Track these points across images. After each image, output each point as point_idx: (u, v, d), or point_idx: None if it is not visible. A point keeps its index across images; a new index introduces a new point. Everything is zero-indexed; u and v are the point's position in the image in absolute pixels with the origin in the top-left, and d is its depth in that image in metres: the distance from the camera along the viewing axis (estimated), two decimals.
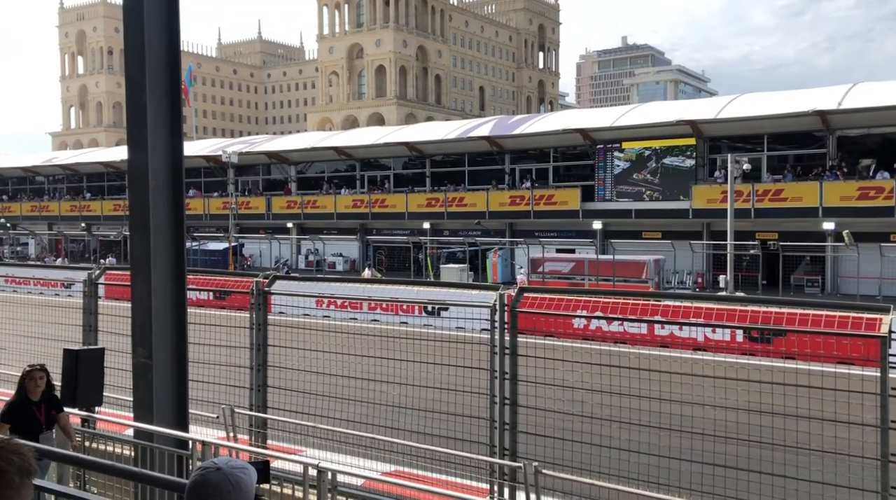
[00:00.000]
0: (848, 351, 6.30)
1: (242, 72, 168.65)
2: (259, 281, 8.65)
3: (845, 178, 33.59)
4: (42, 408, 6.65)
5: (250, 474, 2.29)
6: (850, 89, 35.16)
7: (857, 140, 35.99)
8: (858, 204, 32.36)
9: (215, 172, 54.59)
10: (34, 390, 6.66)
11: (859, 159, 35.84)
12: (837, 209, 32.74)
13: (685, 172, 38.10)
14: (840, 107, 33.23)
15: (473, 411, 7.32)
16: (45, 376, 6.76)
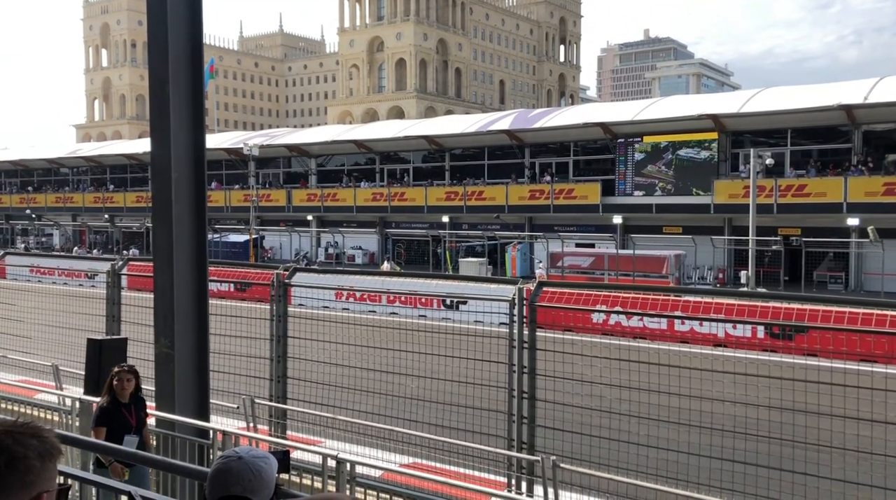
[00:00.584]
0: (871, 348, 6.23)
1: (264, 65, 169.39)
2: (279, 273, 8.70)
3: (871, 173, 33.11)
4: (132, 410, 6.40)
5: (271, 463, 2.31)
6: (876, 83, 34.62)
7: (883, 135, 35.48)
8: (884, 200, 31.90)
9: (236, 164, 54.94)
10: (123, 391, 6.38)
11: (885, 154, 35.31)
12: (862, 205, 32.29)
13: (700, 163, 37.77)
14: (866, 101, 32.74)
15: (491, 404, 7.33)
16: (133, 377, 6.46)
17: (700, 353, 7.06)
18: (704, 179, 37.22)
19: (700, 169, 37.70)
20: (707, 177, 37.26)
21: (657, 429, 6.44)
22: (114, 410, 6.31)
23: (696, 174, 37.68)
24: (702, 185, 37.34)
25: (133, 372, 6.48)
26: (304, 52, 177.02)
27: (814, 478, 5.72)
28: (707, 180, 37.20)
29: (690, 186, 37.73)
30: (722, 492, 6.00)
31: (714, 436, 6.21)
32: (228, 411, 8.40)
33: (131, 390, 6.40)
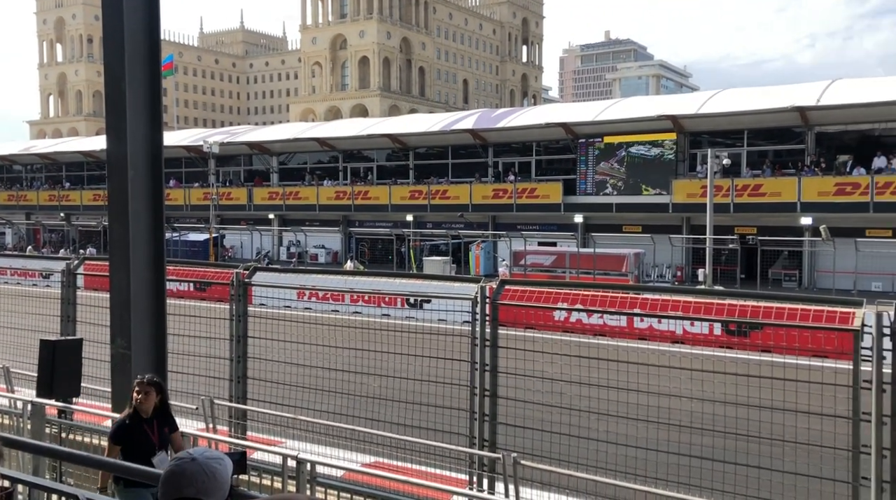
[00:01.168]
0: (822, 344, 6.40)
1: (224, 61, 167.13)
2: (239, 272, 8.62)
3: (823, 173, 33.98)
4: (154, 426, 5.81)
5: (226, 464, 2.29)
6: (828, 86, 35.53)
7: (834, 136, 36.43)
8: (835, 199, 32.76)
9: (196, 162, 54.13)
10: (145, 405, 5.78)
11: (837, 155, 36.25)
12: (815, 204, 33.12)
13: (651, 160, 38.38)
14: (819, 103, 33.58)
15: (454, 402, 7.36)
16: (154, 389, 5.85)
17: (658, 349, 7.17)
18: (656, 176, 37.83)
19: (651, 166, 38.31)
20: (658, 174, 37.88)
21: (616, 425, 6.53)
22: (133, 426, 5.74)
23: (647, 171, 38.31)
24: (652, 182, 37.94)
25: (155, 385, 5.88)
26: (265, 50, 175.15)
27: (767, 471, 5.87)
28: (658, 177, 37.82)
29: (641, 183, 38.33)
30: (679, 487, 6.11)
31: (672, 431, 6.32)
32: (187, 413, 8.29)
33: (154, 404, 5.83)
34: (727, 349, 9.43)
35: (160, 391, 5.90)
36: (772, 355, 6.37)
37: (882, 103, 32.24)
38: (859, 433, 5.56)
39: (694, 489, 6.07)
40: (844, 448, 5.62)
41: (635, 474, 6.35)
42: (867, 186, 32.13)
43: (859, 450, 5.56)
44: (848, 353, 5.82)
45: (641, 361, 6.58)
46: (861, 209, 32.31)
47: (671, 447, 6.27)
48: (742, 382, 6.05)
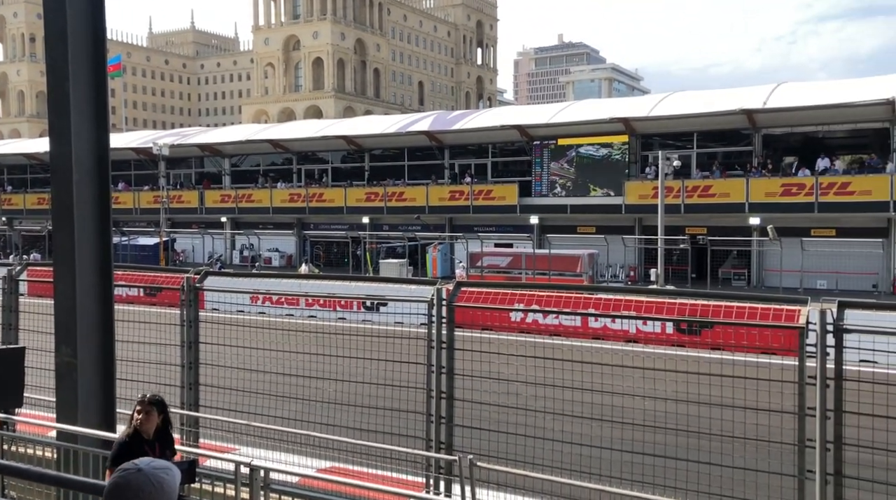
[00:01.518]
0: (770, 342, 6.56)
1: (174, 62, 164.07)
2: (190, 277, 8.45)
3: (770, 175, 34.89)
4: (156, 448, 5.41)
5: (174, 474, 2.23)
6: (774, 89, 36.51)
7: (780, 138, 37.44)
8: (782, 200, 33.67)
9: (146, 164, 53.00)
10: (146, 426, 5.41)
11: (783, 157, 37.29)
12: (762, 205, 33.99)
13: (599, 160, 39.01)
14: (765, 106, 34.49)
15: (410, 405, 7.33)
16: (156, 409, 5.50)
17: (612, 349, 7.26)
18: (604, 176, 38.44)
19: (599, 166, 38.93)
20: (607, 174, 38.48)
21: (572, 425, 6.59)
22: (134, 447, 5.31)
23: (596, 172, 38.92)
24: (601, 182, 38.55)
25: (157, 404, 5.54)
26: (217, 50, 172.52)
27: (717, 467, 5.98)
28: (606, 178, 38.40)
29: (589, 183, 38.91)
30: (633, 485, 6.19)
31: (626, 430, 6.40)
32: None
33: (156, 425, 5.47)
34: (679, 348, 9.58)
35: (162, 411, 5.56)
36: (722, 353, 6.49)
37: (824, 106, 33.28)
38: (804, 427, 5.71)
39: (647, 487, 6.16)
40: (791, 443, 5.76)
41: (590, 473, 6.42)
42: (812, 187, 33.11)
43: (805, 444, 5.71)
44: (794, 350, 5.97)
45: (596, 360, 6.65)
46: (806, 209, 33.27)
47: (625, 446, 6.35)
48: (693, 380, 6.16)
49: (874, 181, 32.18)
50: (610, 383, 6.42)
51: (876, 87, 33.65)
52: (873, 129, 34.53)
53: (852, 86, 35.44)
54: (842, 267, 32.60)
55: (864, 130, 35.21)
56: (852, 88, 34.57)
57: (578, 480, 6.28)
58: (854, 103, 32.42)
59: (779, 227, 32.51)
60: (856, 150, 37.57)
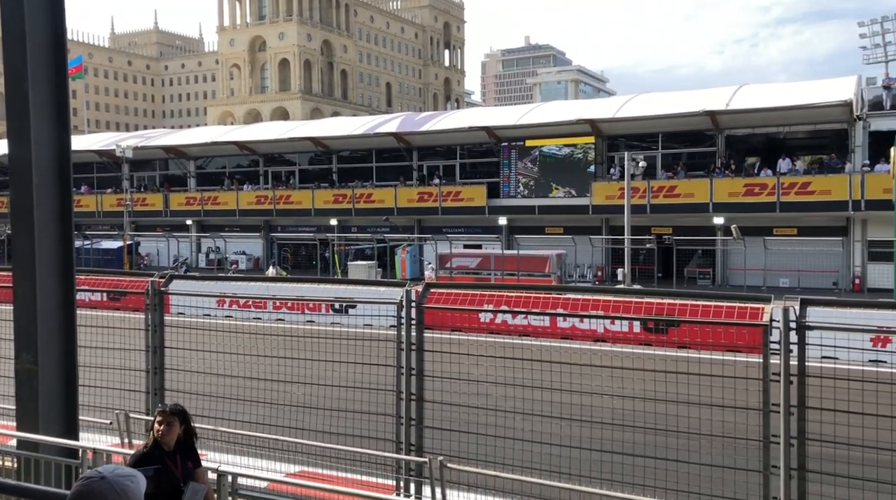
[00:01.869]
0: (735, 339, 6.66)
1: (138, 63, 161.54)
2: (154, 281, 8.32)
3: (733, 175, 35.47)
4: (177, 460, 5.13)
5: (139, 481, 2.18)
6: (736, 91, 37.12)
7: (743, 139, 38.07)
8: (745, 200, 34.25)
9: (109, 167, 52.05)
10: (168, 438, 5.11)
11: (746, 157, 37.93)
12: (726, 205, 34.54)
13: (561, 159, 39.41)
14: (727, 107, 35.05)
15: (380, 408, 7.30)
16: (178, 419, 5.19)
17: (581, 348, 7.31)
18: (567, 176, 38.84)
19: (562, 165, 39.29)
20: (569, 174, 38.85)
21: (541, 424, 6.62)
22: (153, 460, 5.05)
23: (558, 171, 39.29)
24: (563, 181, 38.92)
25: (178, 413, 5.23)
26: (181, 51, 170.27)
27: (685, 464, 6.06)
28: (569, 177, 38.79)
29: (552, 183, 39.26)
30: (602, 483, 6.24)
31: (594, 429, 6.45)
32: (101, 428, 7.95)
33: (177, 436, 5.18)
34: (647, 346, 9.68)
35: (184, 421, 5.26)
36: (688, 351, 6.58)
37: (785, 108, 33.92)
38: (769, 423, 5.80)
39: (616, 485, 6.21)
40: (756, 439, 5.86)
41: (560, 472, 6.45)
42: (774, 187, 33.73)
43: (769, 440, 5.80)
44: (758, 347, 6.06)
45: (565, 360, 6.69)
46: (768, 209, 33.89)
47: (594, 445, 6.40)
48: (661, 378, 6.23)
49: (833, 181, 32.90)
50: (579, 383, 6.47)
51: (834, 88, 34.42)
52: (832, 129, 35.30)
53: (811, 87, 36.19)
54: (803, 265, 33.26)
55: (823, 130, 35.97)
56: (811, 90, 35.31)
57: (548, 479, 6.31)
58: (813, 105, 33.11)
59: (742, 226, 33.06)
60: (816, 150, 38.39)
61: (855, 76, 36.35)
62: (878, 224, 31.68)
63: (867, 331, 6.21)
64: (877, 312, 6.75)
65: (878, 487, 5.45)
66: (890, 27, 54.20)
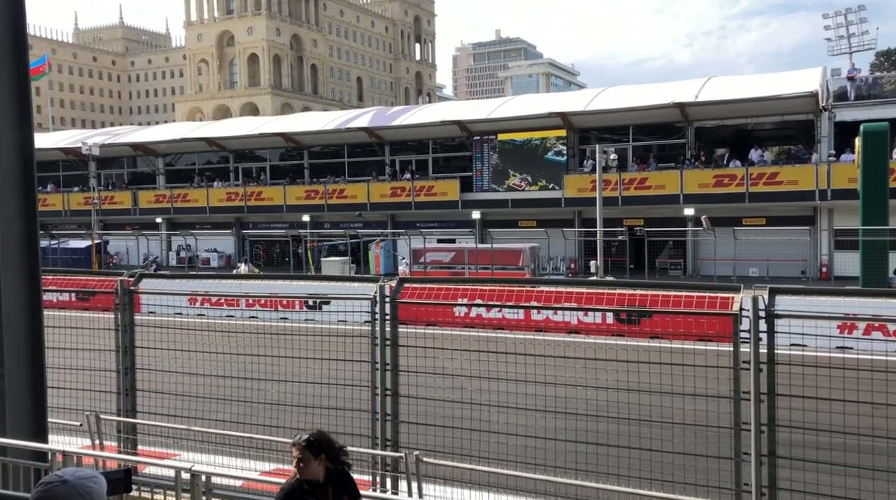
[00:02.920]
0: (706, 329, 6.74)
1: (103, 59, 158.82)
2: (124, 280, 8.20)
3: (703, 166, 35.88)
4: (329, 493, 4.46)
5: (101, 482, 2.13)
6: (705, 83, 37.52)
7: (712, 130, 38.52)
8: (714, 191, 34.68)
9: (75, 165, 51.18)
10: (308, 472, 4.42)
11: (715, 149, 38.39)
12: (696, 196, 34.94)
13: (519, 146, 39.79)
14: (696, 100, 35.42)
15: (356, 404, 7.28)
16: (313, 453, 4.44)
17: (555, 340, 7.35)
18: (525, 164, 39.29)
19: (521, 153, 39.61)
20: (527, 162, 39.25)
21: (516, 417, 6.65)
22: (302, 494, 4.42)
23: (518, 159, 39.60)
24: (520, 168, 39.34)
25: (313, 447, 4.46)
26: (147, 46, 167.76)
27: (658, 453, 6.12)
28: (527, 165, 39.28)
29: (510, 170, 39.55)
30: (577, 473, 6.29)
31: (569, 420, 6.50)
32: (71, 430, 7.83)
33: (321, 469, 4.47)
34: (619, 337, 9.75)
35: (323, 451, 4.48)
36: (661, 341, 6.64)
37: (753, 99, 34.37)
38: (740, 411, 5.89)
39: (591, 475, 6.26)
40: (727, 426, 5.94)
41: (535, 464, 6.49)
42: (742, 178, 34.19)
43: (740, 427, 5.89)
44: (729, 336, 6.14)
45: (539, 352, 6.72)
46: (738, 200, 34.35)
47: (569, 436, 6.44)
48: (634, 368, 6.28)
49: (800, 171, 33.44)
50: (553, 375, 6.50)
51: (800, 80, 34.96)
52: (799, 120, 35.85)
53: (778, 79, 36.70)
54: (772, 255, 33.80)
55: (790, 121, 36.51)
56: (778, 82, 35.81)
57: (523, 471, 6.35)
58: (780, 96, 33.60)
59: (712, 217, 33.49)
60: (783, 141, 38.97)
61: (820, 68, 36.93)
62: (844, 213, 32.27)
63: (834, 318, 6.33)
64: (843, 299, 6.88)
65: (845, 471, 5.56)
66: (853, 19, 55.16)
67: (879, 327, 12.16)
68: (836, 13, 55.92)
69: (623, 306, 7.99)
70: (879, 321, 9.55)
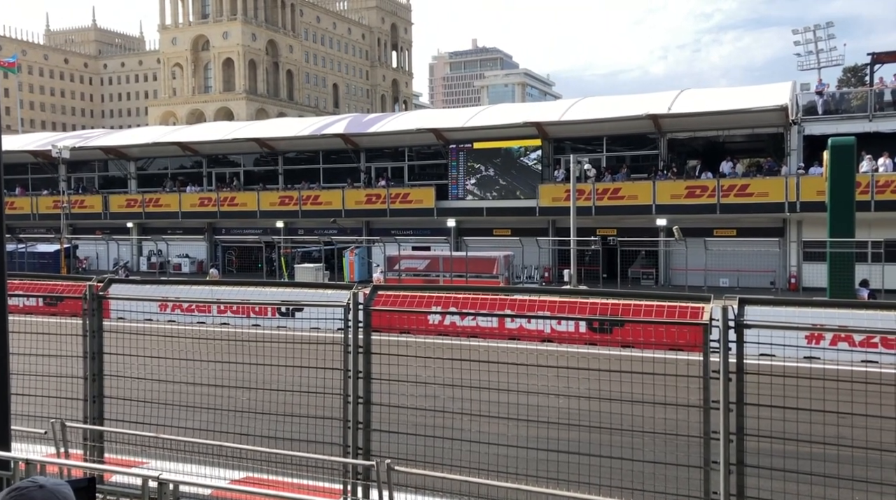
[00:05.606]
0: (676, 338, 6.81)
1: (75, 61, 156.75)
2: (93, 285, 8.07)
3: (675, 177, 36.31)
4: None
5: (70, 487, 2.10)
6: (678, 95, 38.00)
7: (685, 142, 39.01)
8: (686, 201, 35.09)
9: (45, 168, 50.37)
10: None
11: (687, 160, 38.88)
12: (668, 207, 35.33)
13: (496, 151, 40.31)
14: (670, 111, 35.86)
15: (328, 412, 7.23)
16: None
17: (528, 348, 7.37)
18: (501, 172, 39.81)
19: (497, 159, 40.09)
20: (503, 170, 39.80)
21: (489, 425, 6.65)
22: None
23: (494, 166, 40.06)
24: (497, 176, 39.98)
25: None
26: (121, 49, 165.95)
27: (629, 462, 6.16)
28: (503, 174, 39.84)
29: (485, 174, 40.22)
30: (549, 482, 6.30)
31: (541, 429, 6.51)
32: (36, 438, 7.67)
33: None
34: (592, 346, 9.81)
35: None
36: (632, 350, 6.69)
37: (724, 112, 34.90)
38: (710, 420, 5.95)
39: (563, 484, 6.28)
40: (697, 435, 6.00)
41: (507, 472, 6.49)
42: (714, 189, 34.64)
43: (710, 436, 5.95)
44: (699, 345, 6.21)
45: (512, 360, 6.73)
46: (709, 211, 34.79)
47: (541, 444, 6.46)
48: (606, 377, 6.32)
49: (770, 184, 33.97)
50: (526, 383, 6.52)
51: (771, 94, 35.57)
52: (769, 133, 36.46)
53: (750, 93, 37.30)
54: (742, 265, 34.26)
55: (760, 134, 37.11)
56: (750, 95, 36.39)
57: (495, 480, 6.35)
58: (751, 109, 34.14)
59: (684, 227, 33.87)
60: (754, 153, 39.58)
61: (790, 82, 37.59)
62: (813, 225, 32.82)
63: (802, 329, 6.42)
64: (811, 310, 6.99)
65: (811, 479, 5.64)
66: (822, 35, 56.28)
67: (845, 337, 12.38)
68: (806, 29, 57.03)
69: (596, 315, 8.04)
70: (846, 332, 9.71)
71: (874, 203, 31.47)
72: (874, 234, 29.66)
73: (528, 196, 38.93)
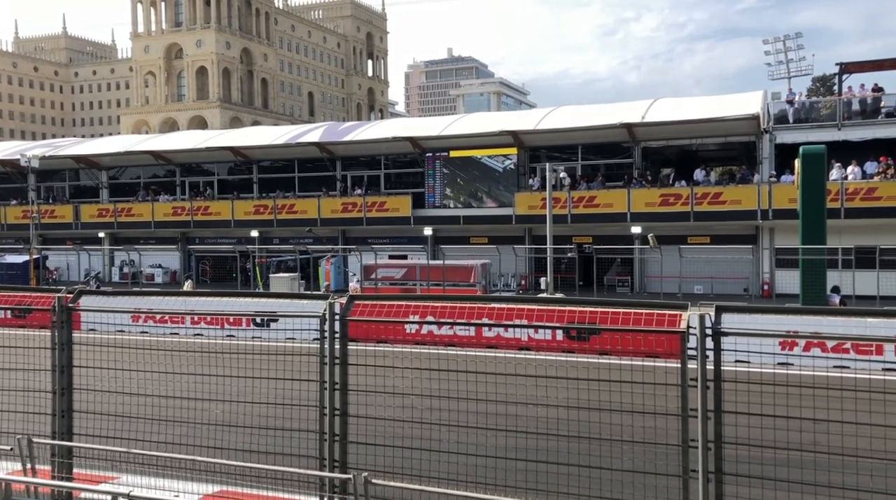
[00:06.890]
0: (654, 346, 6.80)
1: (45, 69, 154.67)
2: (62, 296, 7.90)
3: (649, 186, 36.63)
4: None
5: None
6: (652, 104, 38.40)
7: (658, 150, 39.41)
8: (661, 210, 35.42)
9: (13, 177, 49.54)
10: None
11: (661, 168, 39.28)
12: (643, 215, 35.62)
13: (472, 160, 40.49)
14: (643, 120, 36.22)
15: (303, 424, 7.12)
16: None
17: (505, 357, 7.33)
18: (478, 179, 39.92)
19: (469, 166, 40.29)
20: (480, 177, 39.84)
21: (466, 435, 6.59)
22: None
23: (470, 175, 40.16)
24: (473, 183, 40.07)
25: None
26: (92, 57, 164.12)
27: (607, 471, 6.14)
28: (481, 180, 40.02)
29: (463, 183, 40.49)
30: (528, 492, 6.25)
31: (519, 438, 6.46)
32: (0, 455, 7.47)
33: None
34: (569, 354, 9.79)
35: None
36: (609, 358, 6.68)
37: (698, 121, 35.32)
38: (688, 427, 5.94)
39: (541, 494, 6.24)
40: (675, 444, 5.99)
41: (485, 483, 6.43)
42: (688, 197, 35.01)
43: (688, 444, 5.94)
44: (676, 353, 6.20)
45: (490, 370, 6.69)
46: (683, 218, 35.13)
47: (519, 454, 6.41)
48: (583, 385, 6.29)
49: (743, 191, 34.41)
50: (504, 392, 6.47)
51: (743, 103, 36.08)
52: (741, 142, 36.95)
53: (722, 102, 37.81)
54: (716, 272, 34.61)
55: (733, 143, 37.61)
56: (722, 104, 36.89)
57: (473, 491, 6.28)
58: (723, 118, 34.60)
59: (658, 235, 34.15)
60: (727, 162, 40.09)
61: (761, 91, 38.18)
62: (785, 232, 33.29)
63: (777, 336, 6.46)
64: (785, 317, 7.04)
65: (788, 486, 5.66)
66: (791, 45, 57.31)
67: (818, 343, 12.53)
68: (776, 39, 58.04)
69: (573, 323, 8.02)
70: (818, 338, 9.81)
71: (844, 210, 32.02)
72: (844, 240, 30.14)
73: (504, 205, 39.02)
